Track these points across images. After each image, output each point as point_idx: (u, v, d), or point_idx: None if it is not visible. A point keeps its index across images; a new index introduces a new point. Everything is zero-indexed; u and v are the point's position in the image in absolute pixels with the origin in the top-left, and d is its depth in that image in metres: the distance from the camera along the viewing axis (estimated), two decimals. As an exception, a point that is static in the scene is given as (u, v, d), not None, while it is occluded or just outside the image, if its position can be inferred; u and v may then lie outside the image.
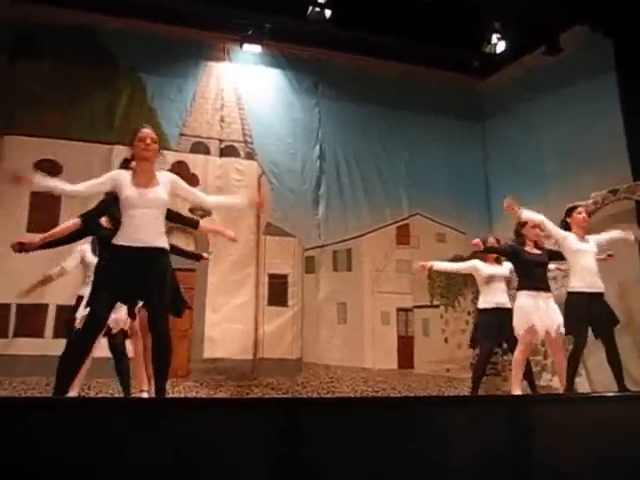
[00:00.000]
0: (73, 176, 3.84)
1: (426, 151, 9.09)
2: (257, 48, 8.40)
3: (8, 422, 2.65)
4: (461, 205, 9.10)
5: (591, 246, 5.22)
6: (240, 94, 8.50)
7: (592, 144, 7.46)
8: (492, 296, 5.95)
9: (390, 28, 7.76)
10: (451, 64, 8.96)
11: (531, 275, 5.27)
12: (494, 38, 7.97)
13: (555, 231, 5.24)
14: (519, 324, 5.20)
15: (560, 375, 5.29)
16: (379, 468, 3.11)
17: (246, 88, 8.53)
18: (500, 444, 3.40)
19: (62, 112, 7.60)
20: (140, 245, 3.70)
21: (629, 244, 5.75)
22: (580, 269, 5.12)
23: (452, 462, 3.26)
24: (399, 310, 8.65)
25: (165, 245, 3.82)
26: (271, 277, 8.19)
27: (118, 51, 7.90)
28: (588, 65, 7.64)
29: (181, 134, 8.11)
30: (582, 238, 5.23)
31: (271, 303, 8.10)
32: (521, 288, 5.30)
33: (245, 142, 8.39)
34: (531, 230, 5.39)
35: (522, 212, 5.16)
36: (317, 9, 7.41)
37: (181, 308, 4.08)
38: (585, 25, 7.59)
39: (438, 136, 9.14)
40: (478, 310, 6.18)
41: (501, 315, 5.74)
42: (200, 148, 8.19)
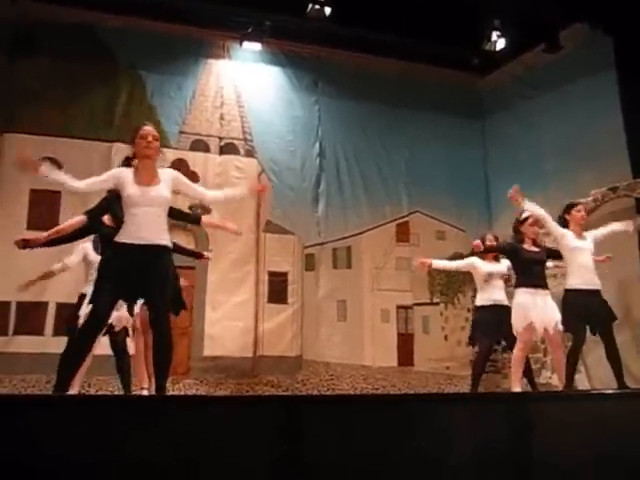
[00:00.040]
0: (73, 174, 3.82)
1: (426, 149, 9.09)
2: (257, 46, 8.39)
3: (8, 420, 2.64)
4: (461, 202, 9.09)
5: (588, 243, 5.23)
6: (240, 92, 8.50)
7: (592, 142, 7.46)
8: (490, 293, 5.93)
9: (390, 25, 7.75)
10: (451, 61, 8.96)
11: (529, 272, 5.27)
12: (494, 35, 7.96)
13: (554, 228, 5.24)
14: (517, 321, 5.21)
15: (559, 372, 5.30)
16: (379, 465, 3.11)
17: (246, 86, 8.53)
18: (500, 441, 3.39)
19: (62, 110, 7.60)
20: (142, 243, 3.69)
21: (629, 235, 5.76)
22: (577, 267, 5.13)
23: (452, 459, 3.25)
24: (399, 307, 8.65)
25: (168, 243, 3.82)
26: (271, 275, 8.19)
27: (118, 49, 7.90)
28: (588, 63, 7.64)
29: (181, 132, 8.11)
30: (579, 236, 5.24)
31: (271, 301, 8.11)
32: (519, 285, 5.30)
33: (245, 140, 8.39)
34: (530, 228, 5.40)
35: (525, 203, 5.16)
36: (317, 6, 7.41)
37: (179, 308, 4.09)
38: (585, 23, 7.59)
39: (438, 133, 9.14)
40: (475, 307, 6.18)
41: (499, 312, 5.73)
42: (200, 146, 8.19)
